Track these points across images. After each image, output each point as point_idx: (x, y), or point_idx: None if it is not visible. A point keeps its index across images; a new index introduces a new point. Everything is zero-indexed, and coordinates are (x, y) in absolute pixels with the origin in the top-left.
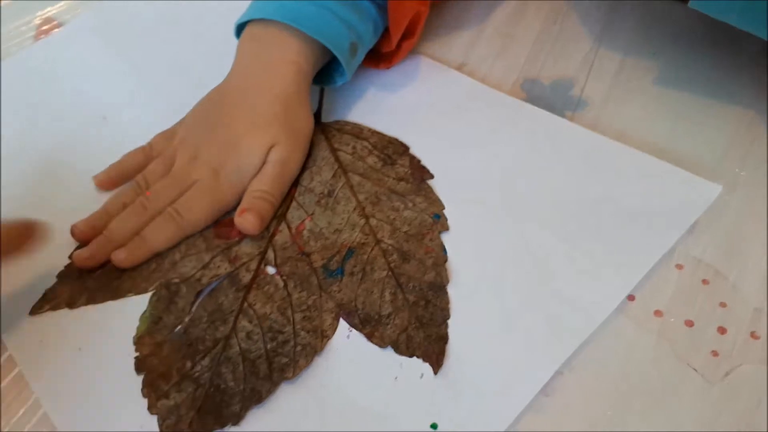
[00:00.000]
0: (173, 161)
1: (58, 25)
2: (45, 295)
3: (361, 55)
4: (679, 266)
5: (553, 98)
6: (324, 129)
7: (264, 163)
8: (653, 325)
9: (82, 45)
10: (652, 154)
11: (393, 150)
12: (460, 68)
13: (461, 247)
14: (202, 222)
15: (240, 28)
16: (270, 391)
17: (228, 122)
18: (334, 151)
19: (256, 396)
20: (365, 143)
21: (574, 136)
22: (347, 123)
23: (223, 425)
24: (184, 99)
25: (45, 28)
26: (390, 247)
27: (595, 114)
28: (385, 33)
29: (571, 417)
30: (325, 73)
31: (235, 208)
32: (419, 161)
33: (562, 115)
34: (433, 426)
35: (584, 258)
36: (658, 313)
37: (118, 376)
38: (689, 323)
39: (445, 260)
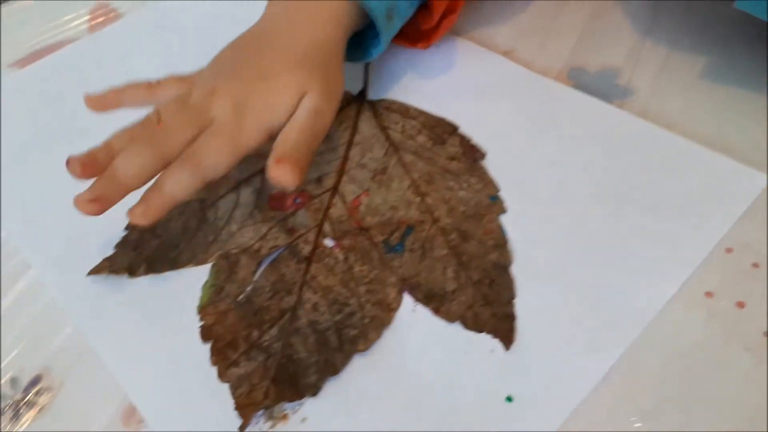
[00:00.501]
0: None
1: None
2: (104, 260)
3: (397, 25)
4: (729, 250)
5: (600, 87)
6: (371, 106)
7: (295, 110)
8: (703, 306)
9: (138, 36)
10: (700, 144)
11: (442, 130)
12: (505, 55)
13: (520, 229)
14: (222, 167)
15: None
16: (344, 362)
17: (257, 61)
18: (383, 129)
19: (331, 367)
20: (413, 122)
21: (623, 123)
22: (393, 102)
23: (301, 396)
24: None
25: (100, 12)
26: (448, 226)
27: (642, 104)
28: (424, 10)
29: (623, 395)
30: (358, 49)
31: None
32: (470, 141)
33: (609, 103)
34: (509, 399)
35: (639, 244)
36: (708, 294)
37: (184, 344)
38: (740, 305)
39: (506, 241)
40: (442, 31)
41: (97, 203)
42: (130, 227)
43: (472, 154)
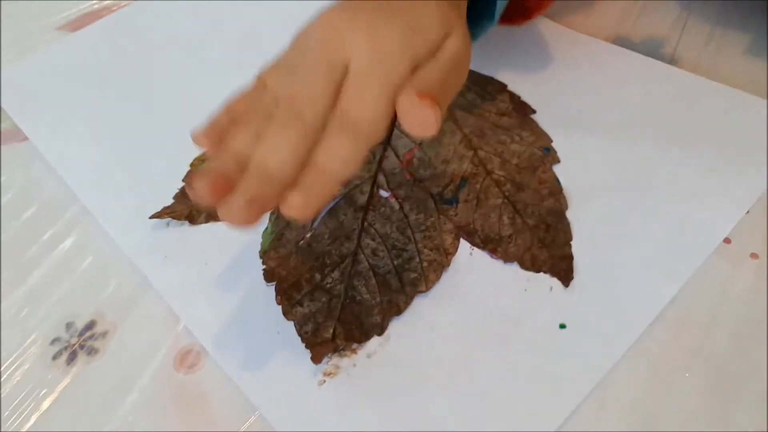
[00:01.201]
0: None
1: None
2: (164, 208)
3: None
4: None
5: (646, 54)
6: None
7: (437, 50)
8: (749, 266)
9: (161, 15)
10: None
11: (492, 87)
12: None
13: (574, 177)
14: (382, 122)
15: None
16: (406, 303)
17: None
18: None
19: (394, 308)
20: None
21: (673, 77)
22: None
23: (367, 336)
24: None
25: None
26: (502, 178)
27: (689, 69)
28: None
29: (670, 348)
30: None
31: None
32: (519, 97)
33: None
34: (562, 326)
35: (692, 190)
36: (754, 255)
37: (249, 287)
38: None
39: (561, 189)
40: (546, 5)
41: (254, 207)
42: (186, 179)
43: (523, 109)
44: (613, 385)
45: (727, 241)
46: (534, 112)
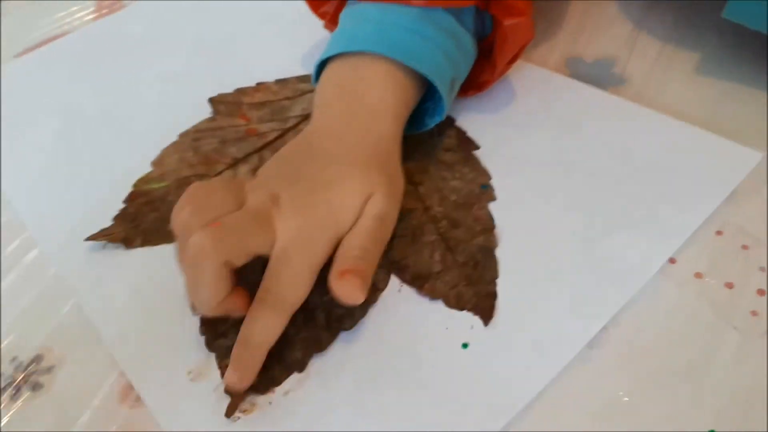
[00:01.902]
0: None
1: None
2: (101, 230)
3: (456, 90)
4: (719, 232)
5: (596, 75)
6: None
7: (359, 216)
8: (693, 286)
9: (142, 23)
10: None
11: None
12: None
13: (508, 215)
14: (302, 294)
15: (320, 68)
16: (329, 340)
17: (319, 165)
18: None
19: (316, 344)
20: None
21: (616, 108)
22: None
23: (288, 371)
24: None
25: (106, 3)
26: (439, 215)
27: (637, 90)
28: (484, 61)
29: (614, 369)
30: (411, 120)
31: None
32: (465, 133)
33: (605, 90)
34: (464, 345)
35: (628, 223)
36: (698, 275)
37: (175, 315)
38: (729, 285)
39: (494, 227)
40: (499, 76)
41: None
42: (128, 201)
43: (467, 145)
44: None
45: (672, 261)
46: (478, 148)
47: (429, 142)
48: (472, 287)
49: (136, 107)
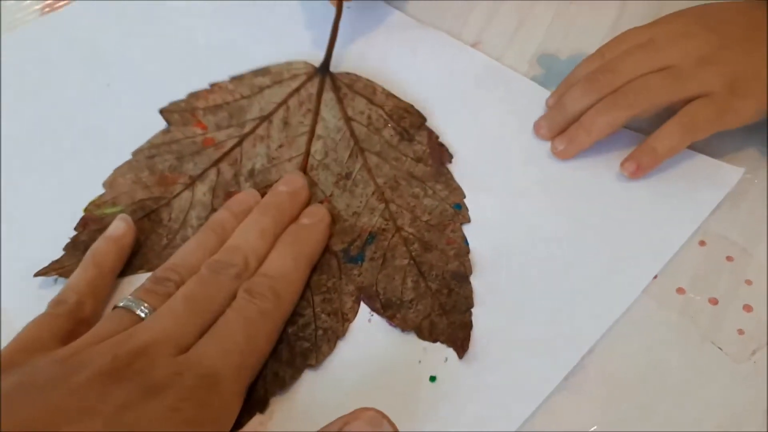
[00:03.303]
0: None
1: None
2: (52, 263)
3: None
4: (702, 243)
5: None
6: (334, 83)
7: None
8: (676, 303)
9: (89, 19)
10: None
11: (410, 122)
12: (475, 45)
13: (483, 237)
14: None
15: None
16: (294, 377)
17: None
18: (348, 120)
19: (279, 382)
20: (380, 111)
21: None
22: (359, 78)
23: (249, 413)
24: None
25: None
26: (411, 236)
27: None
28: None
29: (595, 395)
30: None
31: None
32: (437, 138)
33: None
34: (432, 378)
35: (608, 243)
36: (680, 290)
37: None
38: (713, 301)
39: (468, 251)
40: None
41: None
42: (79, 227)
43: (440, 155)
44: None
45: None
46: (451, 158)
47: (398, 148)
48: (446, 317)
49: (87, 119)
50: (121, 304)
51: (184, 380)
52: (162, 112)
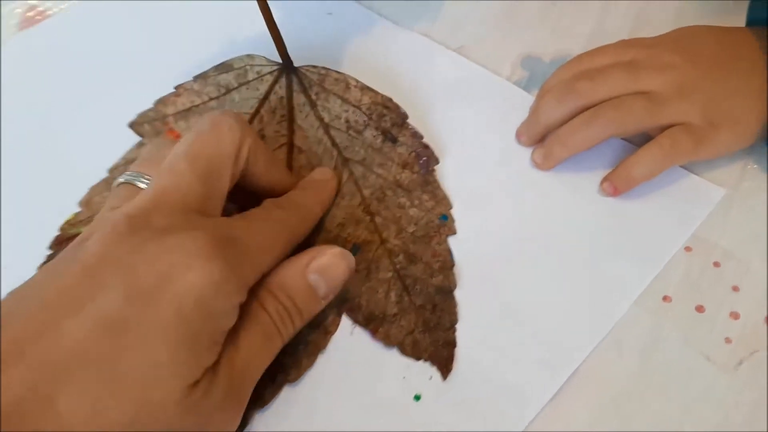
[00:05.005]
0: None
1: (43, 12)
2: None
3: None
4: (688, 248)
5: None
6: (301, 81)
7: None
8: (662, 311)
9: (68, 35)
10: None
11: (391, 120)
12: (459, 49)
13: (467, 249)
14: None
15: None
16: (273, 393)
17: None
18: (326, 129)
19: (258, 399)
20: (359, 112)
21: None
22: (328, 72)
23: None
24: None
25: (30, 14)
26: (396, 248)
27: None
28: None
29: (580, 403)
30: None
31: None
32: (422, 138)
33: None
34: (416, 397)
35: (596, 254)
36: (666, 298)
37: None
38: (700, 309)
39: (453, 265)
40: None
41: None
42: (54, 246)
43: (426, 160)
44: None
45: None
46: (437, 162)
47: (382, 150)
48: (430, 334)
49: (59, 138)
50: (122, 180)
51: (206, 233)
52: (132, 125)
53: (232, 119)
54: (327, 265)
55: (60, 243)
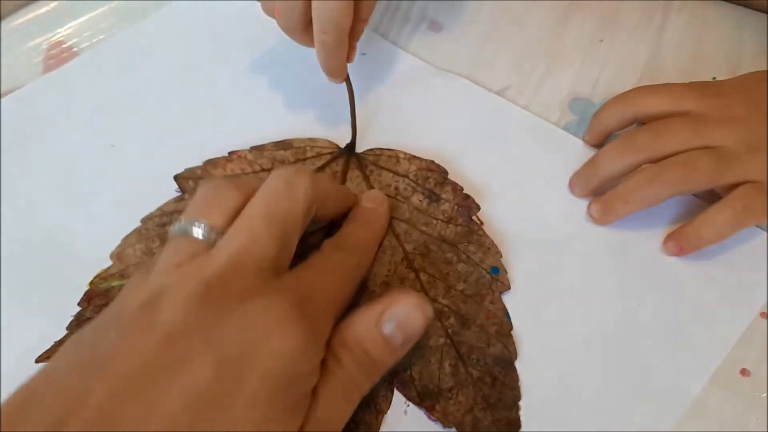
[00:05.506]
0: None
1: (70, 49)
2: (54, 344)
3: None
4: (763, 314)
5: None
6: (360, 164)
7: None
8: (740, 387)
9: (93, 76)
10: None
11: (434, 181)
12: (503, 91)
13: (529, 308)
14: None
15: None
16: None
17: None
18: None
19: None
20: (407, 181)
21: None
22: (382, 152)
23: None
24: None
25: (54, 52)
26: (446, 309)
27: None
28: None
29: None
30: None
31: None
32: (462, 189)
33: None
34: None
35: (664, 324)
36: (744, 372)
37: None
38: None
39: (511, 328)
40: None
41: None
42: (84, 302)
43: (467, 206)
44: None
45: None
46: (479, 208)
47: (427, 211)
48: (491, 412)
49: (93, 184)
50: (177, 229)
51: (284, 297)
52: (177, 178)
53: (307, 181)
54: (402, 316)
55: (90, 299)
